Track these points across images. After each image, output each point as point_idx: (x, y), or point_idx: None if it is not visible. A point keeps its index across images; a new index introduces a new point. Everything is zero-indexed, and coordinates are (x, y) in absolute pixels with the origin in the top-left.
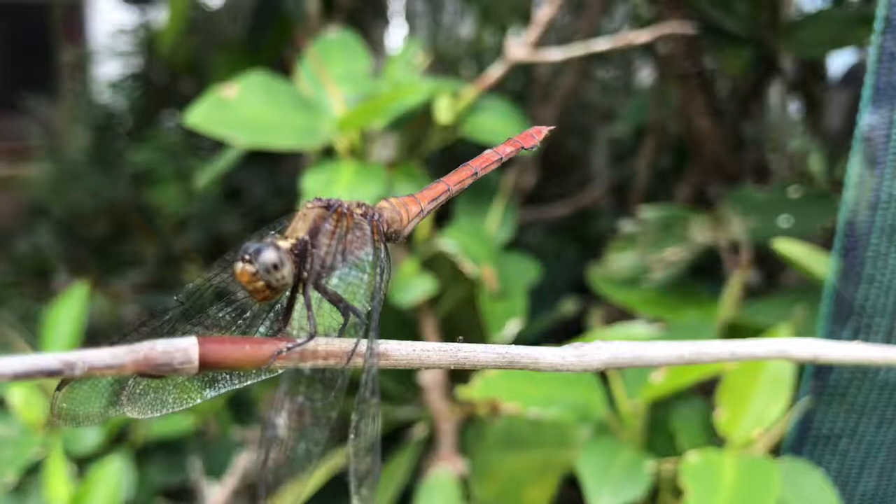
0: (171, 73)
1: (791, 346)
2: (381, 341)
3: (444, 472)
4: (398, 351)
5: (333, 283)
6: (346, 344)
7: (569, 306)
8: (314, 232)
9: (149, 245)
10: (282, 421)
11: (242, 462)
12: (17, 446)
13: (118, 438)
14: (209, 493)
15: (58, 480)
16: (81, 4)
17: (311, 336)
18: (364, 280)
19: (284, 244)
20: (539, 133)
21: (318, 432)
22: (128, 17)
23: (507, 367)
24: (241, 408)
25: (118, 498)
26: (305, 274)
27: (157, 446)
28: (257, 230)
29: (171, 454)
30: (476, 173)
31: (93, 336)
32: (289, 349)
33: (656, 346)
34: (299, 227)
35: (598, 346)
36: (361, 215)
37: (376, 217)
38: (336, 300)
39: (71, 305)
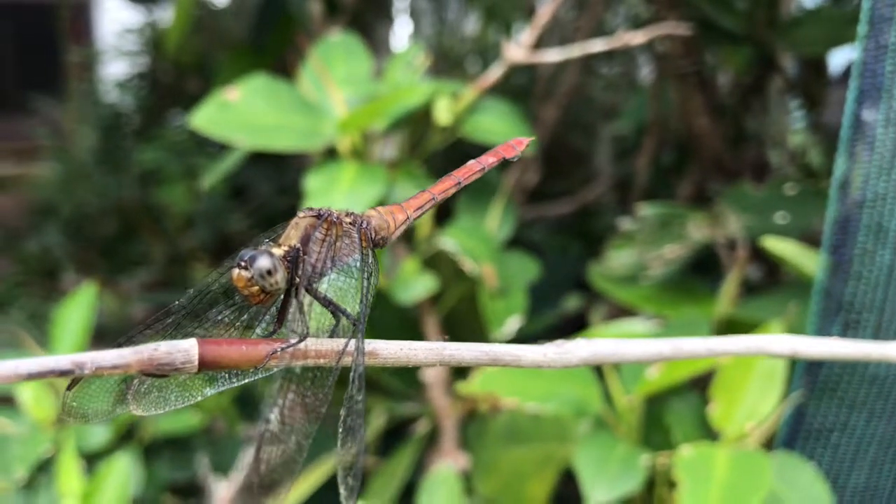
0: (178, 72)
1: (768, 343)
2: (369, 341)
3: (447, 468)
4: (386, 350)
5: (324, 287)
6: (336, 344)
7: (572, 303)
8: (305, 240)
9: (156, 244)
10: (274, 416)
11: (249, 458)
12: (27, 443)
13: (126, 435)
14: (217, 489)
15: (69, 477)
16: (88, 4)
17: (303, 337)
18: (352, 284)
19: (278, 251)
20: (520, 144)
21: (309, 427)
22: (134, 17)
23: (491, 364)
24: (247, 404)
25: (126, 494)
26: (298, 279)
27: (165, 443)
28: (261, 228)
29: (179, 451)
30: (459, 183)
31: (101, 335)
32: (282, 349)
33: (635, 343)
34: (292, 236)
35: (578, 343)
36: (350, 223)
37: (364, 225)
38: (326, 303)
39: (79, 305)
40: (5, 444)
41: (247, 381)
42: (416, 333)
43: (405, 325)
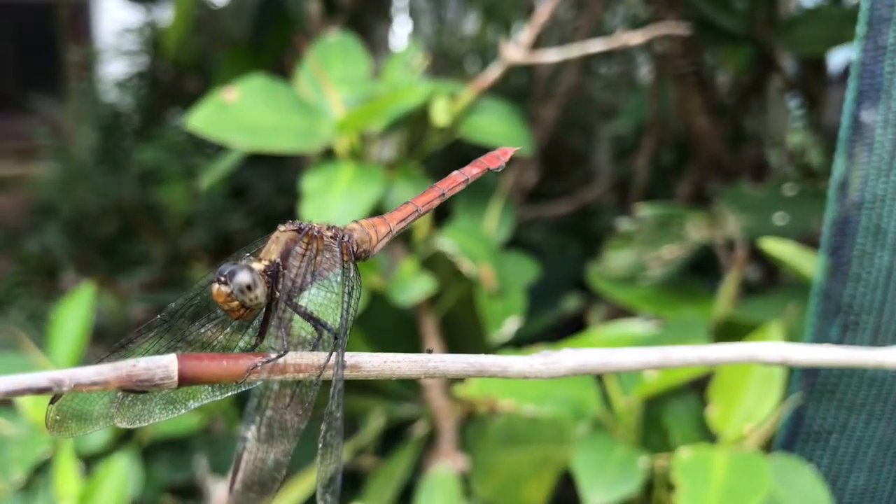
0: (177, 72)
1: (759, 350)
2: (352, 354)
3: (445, 469)
4: (369, 363)
5: (304, 301)
6: (317, 358)
7: (571, 303)
8: (286, 254)
9: (156, 244)
10: (251, 434)
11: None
12: (25, 445)
13: (125, 436)
14: (215, 490)
15: (67, 478)
16: (88, 4)
17: (284, 351)
18: (333, 299)
19: (258, 266)
20: (505, 154)
21: (288, 444)
22: (134, 17)
23: (477, 375)
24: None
25: (125, 495)
26: (278, 294)
27: (164, 444)
28: (261, 227)
29: (178, 452)
30: (443, 194)
31: (101, 335)
32: (263, 363)
33: (623, 352)
34: (272, 250)
35: (565, 353)
36: (331, 237)
37: (346, 238)
38: (308, 317)
39: (78, 304)
40: (3, 446)
41: (229, 394)
42: (413, 335)
43: (403, 326)
